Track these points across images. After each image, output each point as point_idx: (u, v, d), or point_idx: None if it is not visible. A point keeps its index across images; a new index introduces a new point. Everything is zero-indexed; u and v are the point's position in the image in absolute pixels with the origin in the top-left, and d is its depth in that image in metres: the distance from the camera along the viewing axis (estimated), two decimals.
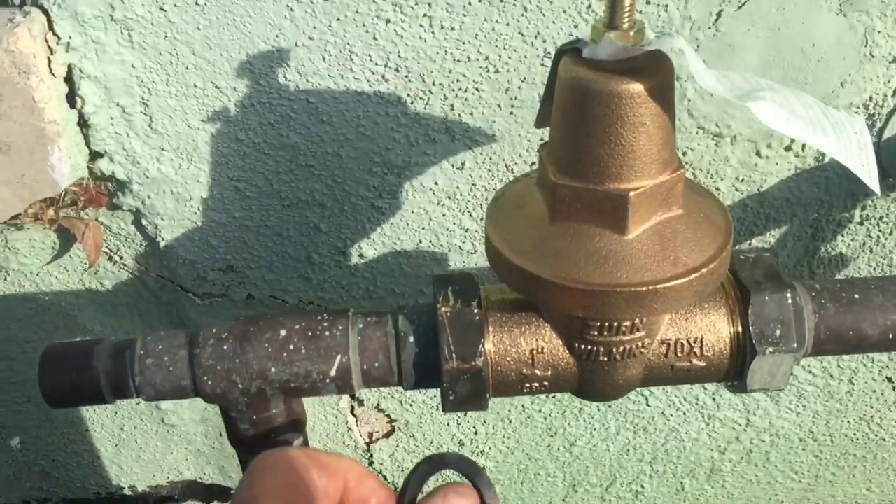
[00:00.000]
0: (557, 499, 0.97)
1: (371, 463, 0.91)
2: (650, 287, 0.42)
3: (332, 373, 0.49)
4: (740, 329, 0.48)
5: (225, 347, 0.49)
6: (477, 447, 0.90)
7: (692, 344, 0.48)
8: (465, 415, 0.86)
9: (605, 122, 0.41)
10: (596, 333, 0.46)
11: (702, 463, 0.92)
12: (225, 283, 0.74)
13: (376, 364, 0.49)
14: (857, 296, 0.50)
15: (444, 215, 0.71)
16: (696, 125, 0.66)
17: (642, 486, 0.95)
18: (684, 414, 0.87)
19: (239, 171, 0.67)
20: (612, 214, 0.43)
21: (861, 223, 0.73)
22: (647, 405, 0.86)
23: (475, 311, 0.48)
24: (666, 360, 0.48)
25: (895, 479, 0.98)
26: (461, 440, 0.89)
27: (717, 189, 0.70)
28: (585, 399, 0.51)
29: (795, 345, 0.48)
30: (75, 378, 0.49)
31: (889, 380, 0.86)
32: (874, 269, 0.76)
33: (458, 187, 0.69)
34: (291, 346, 0.49)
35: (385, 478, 0.93)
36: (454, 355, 0.47)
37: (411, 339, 0.49)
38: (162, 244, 0.70)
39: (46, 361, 0.50)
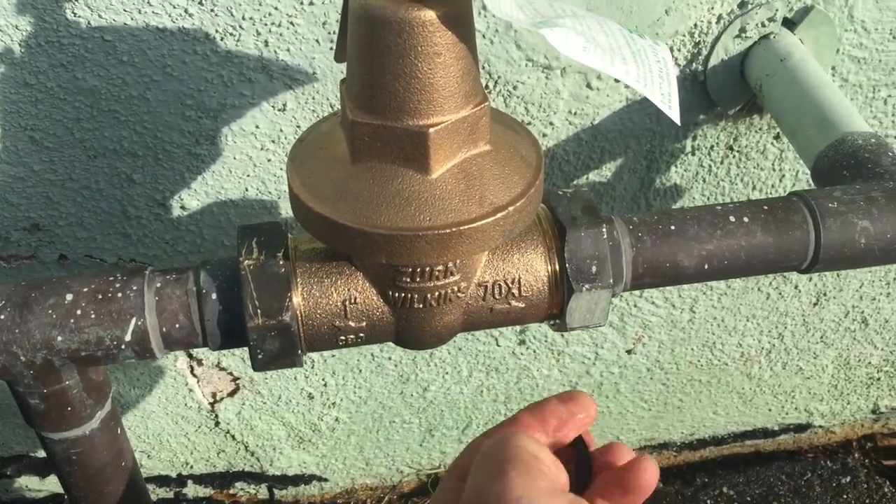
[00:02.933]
0: (415, 444, 0.96)
1: (217, 423, 0.87)
2: (454, 229, 0.40)
3: (128, 338, 0.45)
4: (557, 267, 0.47)
5: (2, 316, 0.44)
6: (328, 399, 0.88)
7: (510, 285, 0.46)
8: (313, 367, 0.84)
9: (398, 53, 0.38)
10: (408, 280, 0.44)
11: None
12: (32, 243, 0.67)
13: (177, 325, 0.45)
14: (673, 227, 0.49)
15: (269, 160, 0.66)
16: (525, 57, 0.64)
17: None
18: (534, 352, 0.87)
19: (33, 119, 0.60)
20: (413, 153, 0.40)
21: (693, 153, 0.73)
22: (498, 345, 0.86)
23: (280, 262, 0.44)
24: (484, 302, 0.47)
25: (738, 401, 1.03)
26: (311, 393, 0.87)
27: (552, 124, 0.68)
28: (406, 348, 0.49)
29: (612, 280, 0.47)
30: None
31: (725, 305, 0.89)
32: (708, 198, 0.77)
33: (281, 130, 0.65)
34: (79, 312, 0.44)
35: (234, 437, 0.90)
36: (259, 311, 0.44)
37: (214, 296, 0.45)
38: None
39: None
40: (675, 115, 0.41)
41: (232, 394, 0.85)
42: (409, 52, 0.38)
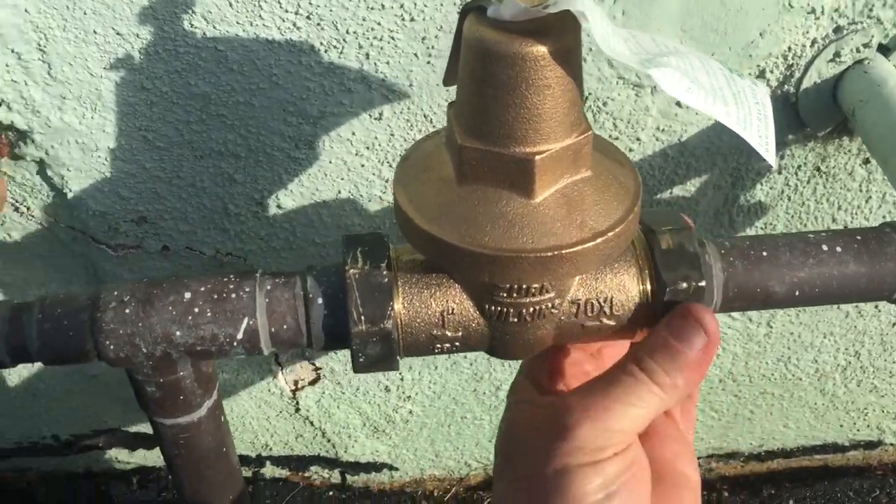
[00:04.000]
0: (484, 440, 0.99)
1: (297, 410, 0.91)
2: (556, 252, 0.42)
3: (240, 336, 0.48)
4: (650, 288, 0.48)
5: (127, 311, 0.47)
6: (403, 392, 0.91)
7: (602, 304, 0.48)
8: None
9: (510, 85, 0.40)
10: (505, 295, 0.46)
11: None
12: (139, 234, 0.72)
13: (284, 326, 0.48)
14: (764, 253, 0.50)
15: (362, 165, 0.69)
16: (616, 75, 0.65)
17: None
18: None
19: (147, 120, 0.64)
20: (518, 178, 0.42)
21: (780, 172, 0.74)
22: None
23: (384, 272, 0.47)
24: (576, 319, 0.48)
25: (810, 415, 1.02)
26: (387, 386, 0.90)
27: (638, 139, 0.70)
28: (497, 357, 0.51)
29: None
30: None
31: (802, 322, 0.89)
32: (792, 216, 0.78)
33: (376, 137, 0.67)
34: (196, 309, 0.48)
35: (312, 423, 0.94)
36: (363, 318, 0.46)
37: (320, 300, 0.48)
38: (70, 195, 0.68)
39: None
40: (771, 157, 0.42)
41: (313, 382, 0.89)
42: (520, 84, 0.40)
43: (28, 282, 0.76)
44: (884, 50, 0.64)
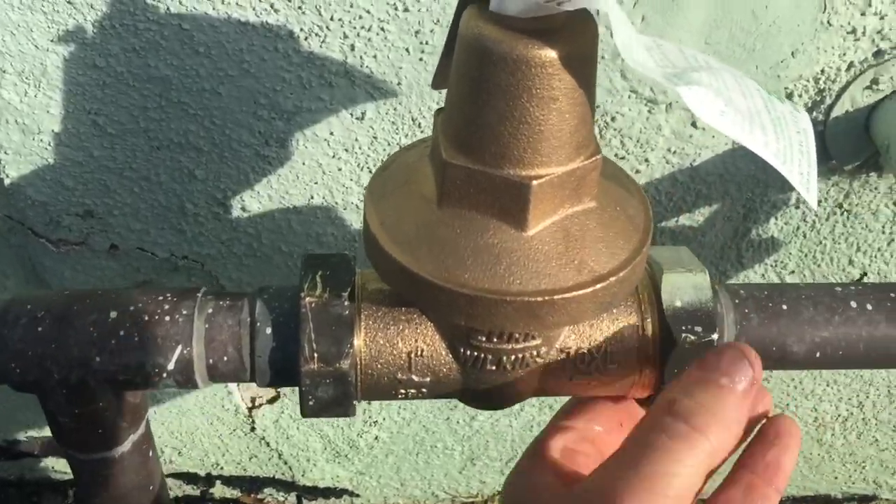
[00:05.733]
0: (454, 470, 0.92)
1: (253, 429, 0.84)
2: (547, 297, 0.35)
3: (170, 366, 0.41)
4: (650, 337, 0.41)
5: (40, 329, 0.40)
6: (370, 417, 0.83)
7: (595, 354, 0.41)
8: None
9: (509, 94, 0.33)
10: (484, 339, 0.39)
11: None
12: (84, 229, 0.64)
13: (225, 358, 0.41)
14: (784, 306, 0.44)
15: (339, 169, 0.62)
16: (629, 88, 0.58)
17: None
18: None
19: (98, 103, 0.57)
20: (510, 205, 0.35)
21: (797, 206, 0.67)
22: None
23: (345, 302, 0.40)
24: (563, 371, 0.42)
25: (804, 466, 0.96)
26: None
27: (647, 160, 0.63)
28: (469, 406, 0.44)
29: None
30: None
31: None
32: (805, 255, 0.71)
33: (356, 139, 0.60)
34: (122, 332, 0.40)
35: (268, 444, 0.86)
36: (316, 355, 0.39)
37: (268, 330, 0.41)
38: (7, 181, 0.60)
39: None
40: (812, 198, 0.35)
41: (272, 401, 0.81)
42: (521, 93, 0.33)
43: None
44: None
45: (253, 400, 0.81)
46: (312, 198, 0.64)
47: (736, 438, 0.36)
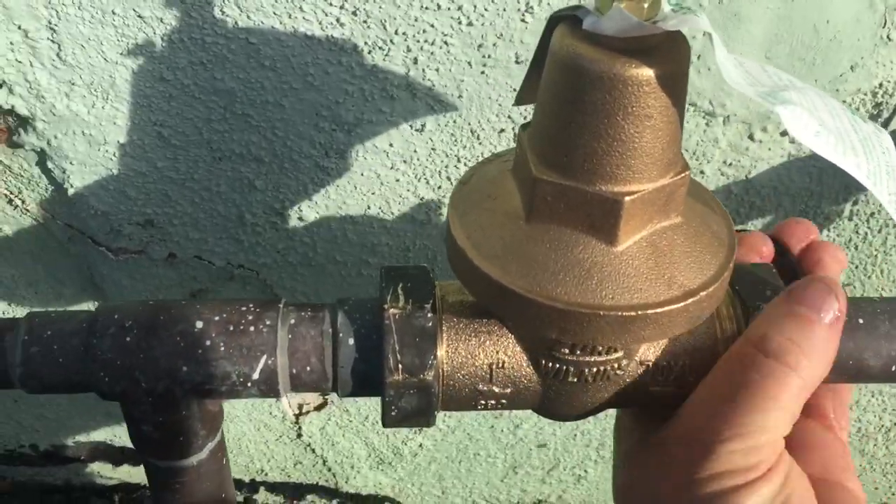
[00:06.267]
0: (496, 479, 0.92)
1: (300, 436, 0.84)
2: (640, 312, 0.35)
3: (255, 376, 0.41)
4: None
5: (128, 339, 0.41)
6: None
7: (674, 367, 0.42)
8: None
9: (605, 111, 0.34)
10: (567, 351, 0.39)
11: None
12: (143, 238, 0.65)
13: (308, 368, 0.42)
14: (861, 321, 0.44)
15: (397, 180, 0.63)
16: (688, 101, 0.58)
17: (586, 471, 0.91)
18: None
19: (164, 115, 0.57)
20: (601, 221, 0.36)
21: (850, 218, 0.67)
22: None
23: (428, 314, 0.41)
24: (642, 383, 0.42)
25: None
26: None
27: (703, 172, 0.63)
28: (544, 416, 0.45)
29: None
30: None
31: None
32: (856, 266, 0.71)
33: (415, 151, 0.61)
34: (208, 342, 0.41)
35: (313, 451, 0.87)
36: (400, 366, 0.40)
37: (351, 341, 0.42)
38: (71, 191, 0.61)
39: None
40: None
41: (319, 408, 0.82)
42: (617, 111, 0.34)
43: (16, 281, 0.69)
44: None
45: (300, 407, 0.82)
46: (369, 208, 0.64)
47: (826, 370, 0.37)
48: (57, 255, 0.67)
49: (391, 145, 0.60)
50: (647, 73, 0.33)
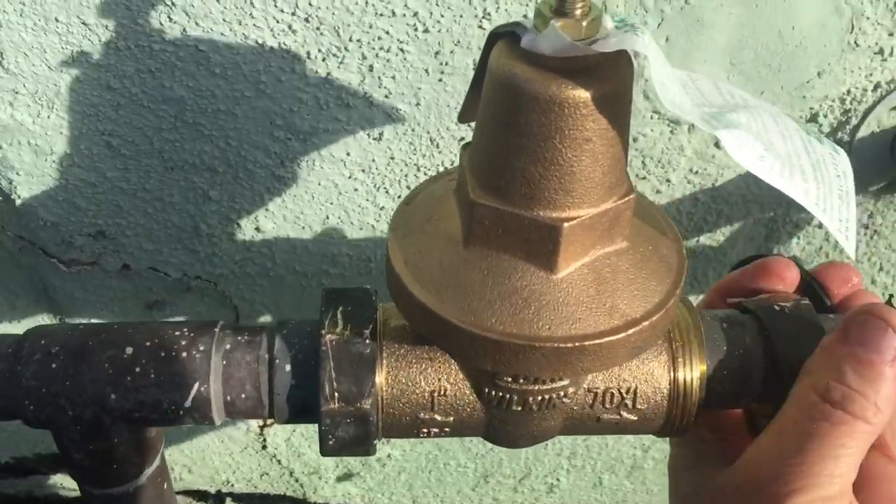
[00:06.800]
0: (467, 488, 0.90)
1: (265, 447, 0.83)
2: (577, 343, 0.34)
3: (187, 404, 0.40)
4: (682, 377, 0.40)
5: (54, 365, 0.39)
6: None
7: (624, 395, 0.40)
8: None
9: (541, 134, 0.32)
10: (510, 380, 0.38)
11: (623, 460, 0.87)
12: (95, 250, 0.63)
13: (243, 395, 0.40)
14: None
15: (356, 190, 0.61)
16: (652, 108, 0.57)
17: (558, 480, 0.89)
18: None
19: (112, 124, 0.56)
20: (539, 247, 0.34)
21: (820, 226, 0.66)
22: None
23: (367, 341, 0.39)
24: (591, 411, 0.41)
25: None
26: None
27: (668, 180, 0.62)
28: (495, 444, 0.43)
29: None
30: None
31: None
32: None
33: (373, 160, 0.59)
34: (138, 369, 0.39)
35: (280, 462, 0.85)
36: (337, 395, 0.38)
37: (287, 367, 0.40)
38: (18, 202, 0.59)
39: None
40: (851, 246, 0.34)
41: None
42: (553, 134, 0.32)
43: None
44: None
45: (264, 419, 0.80)
46: (328, 218, 0.63)
47: (893, 410, 0.36)
48: (9, 267, 0.65)
49: (348, 154, 0.59)
50: (584, 94, 0.31)
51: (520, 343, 0.34)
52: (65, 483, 0.89)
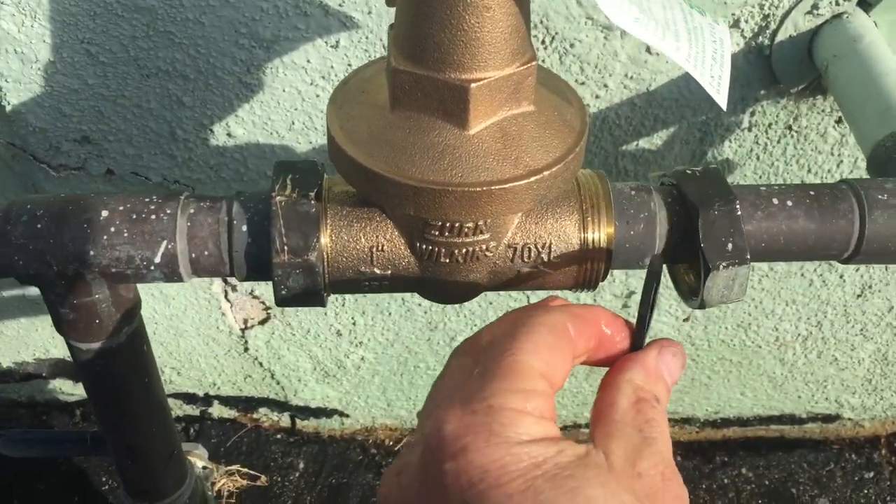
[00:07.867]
0: None
1: (246, 349, 0.89)
2: (485, 188, 0.39)
3: (157, 259, 0.45)
4: (590, 236, 0.46)
5: (39, 226, 0.45)
6: (355, 337, 0.89)
7: (539, 249, 0.46)
8: (343, 305, 0.85)
9: (446, 3, 0.37)
10: (437, 234, 0.44)
11: None
12: (81, 155, 0.69)
13: (206, 253, 0.46)
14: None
15: (317, 96, 0.66)
16: (585, 15, 0.62)
17: None
18: None
19: (90, 33, 0.61)
20: (452, 106, 0.40)
21: (749, 129, 0.71)
22: (529, 302, 0.85)
23: (312, 202, 0.45)
24: (512, 264, 0.46)
25: (768, 385, 1.01)
26: (339, 330, 0.88)
27: (606, 86, 0.67)
28: (430, 300, 0.49)
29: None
30: None
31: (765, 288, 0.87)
32: (760, 176, 0.75)
33: (332, 67, 0.64)
34: (113, 229, 0.45)
35: (261, 364, 0.92)
36: (286, 248, 0.44)
37: (244, 227, 0.46)
38: (8, 108, 0.65)
39: None
40: (722, 100, 0.39)
41: (263, 322, 0.86)
42: (457, 2, 0.37)
43: None
44: (864, 5, 0.61)
45: (245, 321, 0.86)
46: (294, 123, 0.68)
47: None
48: (4, 175, 0.71)
49: (309, 62, 0.64)
50: None
51: (436, 188, 0.40)
52: (64, 388, 0.95)
